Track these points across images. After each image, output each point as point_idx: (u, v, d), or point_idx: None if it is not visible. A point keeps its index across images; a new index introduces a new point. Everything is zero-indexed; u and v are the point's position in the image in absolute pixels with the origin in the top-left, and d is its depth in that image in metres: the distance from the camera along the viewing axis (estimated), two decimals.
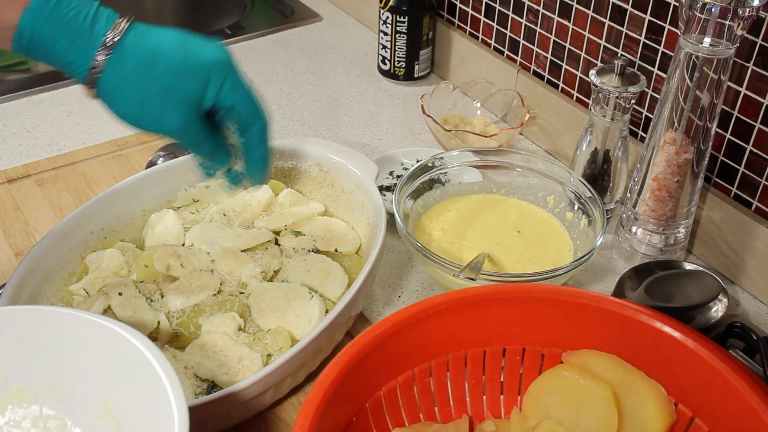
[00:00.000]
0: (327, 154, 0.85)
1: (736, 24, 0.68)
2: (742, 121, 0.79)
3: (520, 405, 0.64)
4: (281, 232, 0.82)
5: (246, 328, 0.71)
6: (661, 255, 0.83)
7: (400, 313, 0.59)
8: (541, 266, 0.79)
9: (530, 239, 0.83)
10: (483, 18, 1.10)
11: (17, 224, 0.89)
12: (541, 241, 0.83)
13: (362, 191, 0.81)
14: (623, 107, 0.83)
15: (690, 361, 0.56)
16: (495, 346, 0.63)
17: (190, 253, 0.77)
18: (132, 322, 0.70)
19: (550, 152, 1.03)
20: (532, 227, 0.84)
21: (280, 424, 0.67)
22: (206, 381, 0.66)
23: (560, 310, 0.62)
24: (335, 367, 0.55)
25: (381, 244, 0.72)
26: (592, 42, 0.93)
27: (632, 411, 0.59)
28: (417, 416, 0.62)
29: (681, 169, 0.78)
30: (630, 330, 0.60)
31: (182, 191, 0.85)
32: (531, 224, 0.85)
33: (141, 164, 0.98)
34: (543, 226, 0.85)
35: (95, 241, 0.79)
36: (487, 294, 0.62)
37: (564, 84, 1.00)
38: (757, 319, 0.79)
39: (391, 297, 0.82)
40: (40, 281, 0.72)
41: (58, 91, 1.15)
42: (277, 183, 0.87)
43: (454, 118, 1.04)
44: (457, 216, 0.85)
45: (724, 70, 0.72)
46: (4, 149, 1.03)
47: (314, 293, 0.72)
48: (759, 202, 0.80)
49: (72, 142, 1.04)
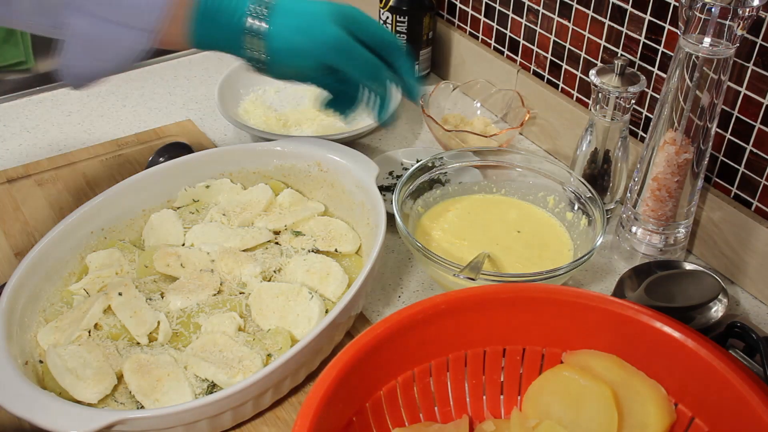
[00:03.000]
0: (327, 154, 0.85)
1: (736, 24, 0.68)
2: (742, 121, 0.79)
3: (520, 405, 0.64)
4: (281, 232, 0.82)
5: (246, 328, 0.71)
6: (661, 255, 0.83)
7: (400, 313, 0.59)
8: (541, 266, 0.79)
9: (530, 239, 0.83)
10: (483, 18, 1.10)
11: (17, 224, 0.89)
12: (541, 241, 0.83)
13: (362, 191, 0.81)
14: (623, 107, 0.83)
15: (690, 361, 0.56)
16: (495, 346, 0.63)
17: (190, 253, 0.77)
18: (132, 322, 0.70)
19: (550, 152, 1.03)
20: (532, 227, 0.84)
21: (280, 424, 0.67)
22: (206, 381, 0.66)
23: (560, 310, 0.62)
24: (335, 367, 0.55)
25: (381, 244, 0.72)
26: (592, 42, 0.93)
27: (632, 411, 0.59)
28: (417, 416, 0.62)
29: (681, 169, 0.78)
30: (630, 330, 0.60)
31: (182, 191, 0.85)
32: (531, 224, 0.85)
33: (141, 164, 0.98)
34: (543, 227, 0.85)
35: (95, 241, 0.79)
36: (487, 294, 0.62)
37: (564, 84, 1.00)
38: (757, 319, 0.79)
39: (391, 297, 0.82)
40: (40, 281, 0.72)
41: (58, 91, 1.15)
42: (277, 183, 0.87)
43: (454, 118, 1.04)
44: (457, 216, 0.85)
45: (724, 70, 0.72)
46: (4, 149, 1.03)
47: (314, 293, 0.72)
48: (759, 202, 0.80)
49: (72, 142, 1.04)
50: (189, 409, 0.59)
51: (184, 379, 0.65)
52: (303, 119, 1.07)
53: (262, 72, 0.74)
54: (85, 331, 0.69)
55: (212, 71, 1.22)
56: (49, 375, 0.65)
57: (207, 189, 0.85)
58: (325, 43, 0.69)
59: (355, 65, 0.72)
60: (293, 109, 1.10)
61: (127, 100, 1.15)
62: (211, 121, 1.10)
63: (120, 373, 0.67)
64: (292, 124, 1.06)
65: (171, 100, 1.15)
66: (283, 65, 0.72)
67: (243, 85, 1.11)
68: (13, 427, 0.66)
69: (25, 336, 0.68)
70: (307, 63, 0.71)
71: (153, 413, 0.59)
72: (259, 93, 1.12)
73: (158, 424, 0.60)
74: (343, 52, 0.71)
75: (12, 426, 0.66)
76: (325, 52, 0.70)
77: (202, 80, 1.20)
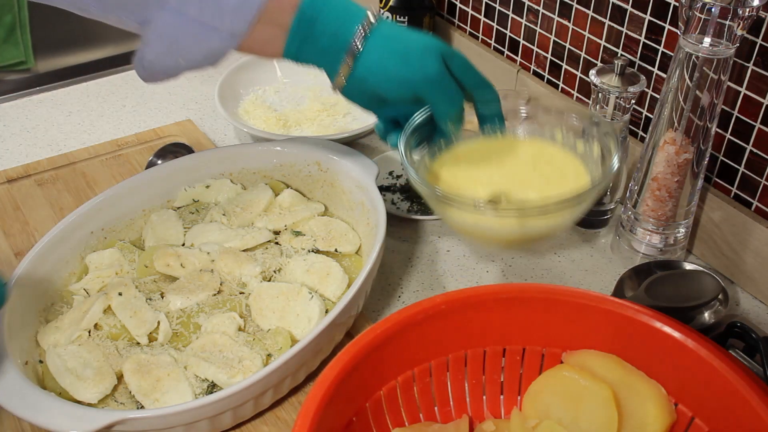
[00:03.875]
0: (327, 154, 0.85)
1: (736, 24, 0.68)
2: (742, 121, 0.79)
3: (520, 405, 0.64)
4: (281, 232, 0.82)
5: (246, 328, 0.71)
6: (661, 255, 0.83)
7: (400, 313, 0.59)
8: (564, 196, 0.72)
9: (547, 174, 0.77)
10: (483, 18, 1.10)
11: (17, 224, 0.89)
12: (559, 174, 0.77)
13: (362, 191, 0.81)
14: (623, 107, 0.83)
15: (690, 361, 0.56)
16: (495, 346, 0.63)
17: (190, 253, 0.77)
18: (132, 322, 0.70)
19: None
20: (546, 163, 0.78)
21: (280, 424, 0.68)
22: (206, 381, 0.66)
23: (560, 310, 0.62)
24: (335, 367, 0.55)
25: (381, 244, 0.72)
26: (592, 42, 0.93)
27: (632, 411, 0.59)
28: (417, 416, 0.62)
29: (681, 169, 0.78)
30: (630, 330, 0.60)
31: (182, 191, 0.85)
32: (545, 160, 0.79)
33: (141, 164, 0.98)
34: (558, 160, 0.79)
35: (95, 241, 0.79)
36: (487, 294, 0.62)
37: (564, 84, 1.00)
38: (757, 319, 0.79)
39: (391, 297, 0.82)
40: (40, 281, 0.72)
41: (58, 91, 1.15)
42: (277, 183, 0.87)
43: None
44: (467, 161, 0.79)
45: (724, 70, 0.72)
46: (4, 149, 1.03)
47: (314, 293, 0.72)
48: (759, 202, 0.80)
49: (72, 142, 1.04)
50: (189, 409, 0.59)
51: (184, 379, 0.65)
52: (303, 119, 1.07)
53: (341, 92, 0.72)
54: (85, 331, 0.70)
55: (212, 71, 1.22)
56: (49, 375, 0.66)
57: (207, 189, 0.85)
58: (425, 74, 0.68)
59: (446, 101, 0.70)
60: (293, 109, 1.10)
61: (127, 100, 1.15)
62: (211, 121, 1.10)
63: (120, 373, 0.67)
64: (292, 124, 1.06)
65: (171, 100, 1.15)
66: (368, 87, 0.70)
67: (243, 85, 1.11)
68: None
69: (25, 336, 0.68)
70: (399, 90, 0.69)
71: (153, 413, 0.59)
72: (259, 93, 1.12)
73: (158, 424, 0.60)
74: (440, 87, 0.69)
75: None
76: (422, 82, 0.68)
77: (202, 80, 1.20)
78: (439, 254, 0.87)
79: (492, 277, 0.84)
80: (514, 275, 0.85)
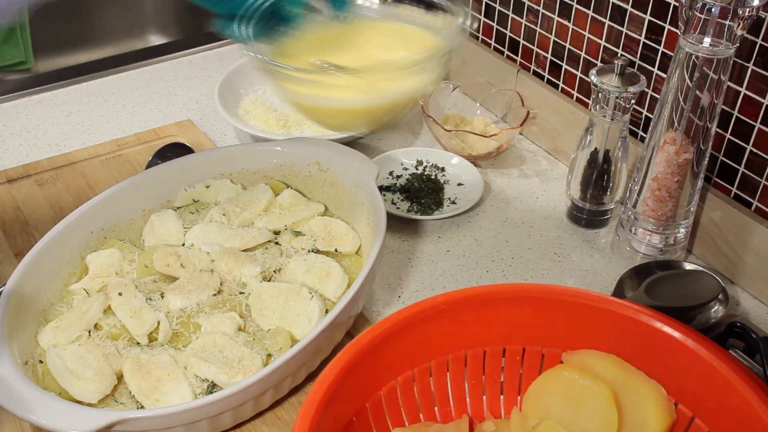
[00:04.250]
0: (327, 154, 0.85)
1: (736, 24, 0.68)
2: (742, 121, 0.79)
3: (520, 405, 0.64)
4: (281, 232, 0.82)
5: (246, 328, 0.71)
6: (661, 255, 0.83)
7: (400, 313, 0.59)
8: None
9: (394, 47, 0.73)
10: (483, 18, 1.10)
11: (17, 224, 0.89)
12: (406, 44, 0.72)
13: (362, 191, 0.81)
14: (623, 107, 0.83)
15: (690, 361, 0.56)
16: (495, 346, 0.63)
17: (190, 253, 0.77)
18: (132, 322, 0.70)
19: (550, 152, 1.03)
20: (394, 38, 0.74)
21: (280, 424, 0.68)
22: (206, 381, 0.66)
23: (560, 310, 0.62)
24: (335, 367, 0.55)
25: (381, 244, 0.72)
26: (592, 42, 0.93)
27: (632, 411, 0.59)
28: (417, 416, 0.62)
29: (681, 169, 0.78)
30: (630, 330, 0.60)
31: (182, 191, 0.85)
32: (393, 37, 0.74)
33: (141, 164, 0.98)
34: (406, 34, 0.74)
35: (95, 241, 0.79)
36: (487, 294, 0.62)
37: (564, 84, 1.00)
38: (757, 319, 0.79)
39: (391, 297, 0.82)
40: (40, 281, 0.72)
41: (58, 91, 1.15)
42: (277, 183, 0.87)
43: (454, 118, 1.05)
44: (313, 47, 0.73)
45: (724, 70, 0.72)
46: (4, 149, 1.03)
47: (314, 293, 0.72)
48: (759, 202, 0.80)
49: (72, 142, 1.04)
50: (189, 409, 0.59)
51: (184, 379, 0.65)
52: (303, 119, 1.07)
53: None
54: (85, 331, 0.70)
55: (212, 71, 1.22)
56: (49, 375, 0.65)
57: (207, 189, 0.85)
58: None
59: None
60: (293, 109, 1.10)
61: (127, 100, 1.15)
62: (211, 121, 1.10)
63: (120, 373, 0.67)
64: (292, 124, 1.06)
65: (171, 100, 1.15)
66: None
67: (243, 85, 1.11)
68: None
69: (25, 336, 0.68)
70: None
71: (153, 413, 0.59)
72: (259, 93, 1.12)
73: (158, 424, 0.60)
74: None
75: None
76: None
77: (202, 80, 1.20)
78: (439, 254, 0.87)
79: (492, 277, 0.84)
80: (514, 275, 0.85)
